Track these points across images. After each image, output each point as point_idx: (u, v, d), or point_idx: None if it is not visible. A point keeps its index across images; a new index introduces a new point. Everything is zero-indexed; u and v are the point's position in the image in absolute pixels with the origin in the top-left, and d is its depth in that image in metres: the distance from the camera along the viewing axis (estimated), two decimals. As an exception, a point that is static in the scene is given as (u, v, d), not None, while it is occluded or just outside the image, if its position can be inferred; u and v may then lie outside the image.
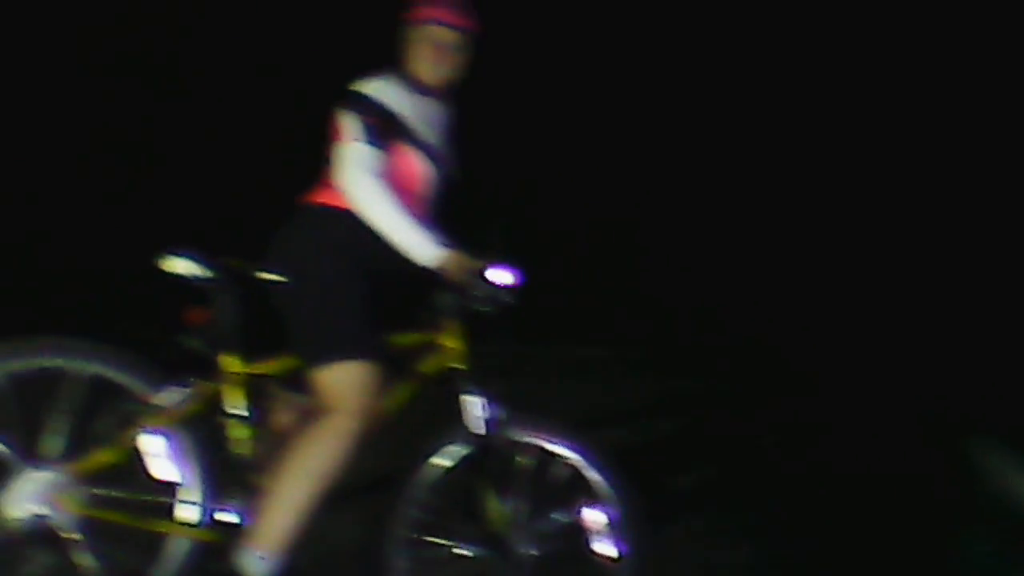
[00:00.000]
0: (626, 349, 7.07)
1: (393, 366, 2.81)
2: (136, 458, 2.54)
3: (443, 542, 2.87)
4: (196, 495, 2.64)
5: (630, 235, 9.07)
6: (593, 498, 2.82)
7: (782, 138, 9.47)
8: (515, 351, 5.48)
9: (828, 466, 4.65)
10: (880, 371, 6.55)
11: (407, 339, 2.86)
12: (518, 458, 2.83)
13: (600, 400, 5.61)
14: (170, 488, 2.60)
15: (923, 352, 6.87)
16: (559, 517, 2.86)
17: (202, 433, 2.66)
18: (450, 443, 2.85)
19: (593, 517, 2.84)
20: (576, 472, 2.83)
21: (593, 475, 2.83)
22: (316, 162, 2.88)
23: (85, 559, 2.50)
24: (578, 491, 2.81)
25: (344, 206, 2.76)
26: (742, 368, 6.84)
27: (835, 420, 5.46)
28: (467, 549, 2.86)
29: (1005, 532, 3.82)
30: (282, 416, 2.90)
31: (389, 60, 2.95)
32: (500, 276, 2.78)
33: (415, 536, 2.84)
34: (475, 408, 2.79)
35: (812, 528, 3.91)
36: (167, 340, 2.63)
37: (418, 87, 2.91)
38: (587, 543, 2.83)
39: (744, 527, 3.86)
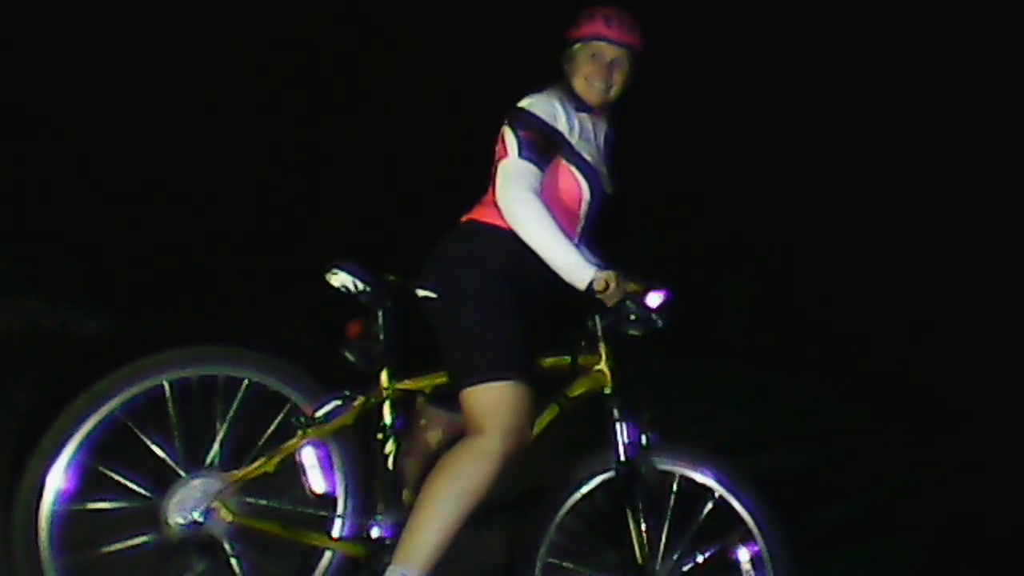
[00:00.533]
0: (771, 372, 6.79)
1: (543, 388, 2.68)
2: (291, 469, 2.47)
3: (584, 569, 2.74)
4: (347, 509, 2.57)
5: (786, 255, 8.72)
6: (739, 532, 2.65)
7: (943, 165, 9.01)
8: (664, 371, 5.29)
9: (982, 509, 4.33)
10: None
11: (557, 361, 2.74)
12: (664, 487, 2.67)
13: (742, 425, 5.39)
14: (322, 500, 2.53)
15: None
16: (703, 550, 2.69)
17: (354, 447, 2.58)
18: (596, 468, 2.71)
19: (738, 552, 2.65)
20: (723, 503, 2.66)
21: (740, 508, 2.65)
22: (481, 180, 2.79)
23: (237, 567, 2.44)
24: (724, 523, 2.64)
25: (502, 225, 2.65)
26: (896, 397, 6.48)
27: (990, 459, 5.09)
28: (608, 578, 2.73)
29: None
30: (432, 433, 2.81)
31: (554, 76, 2.83)
32: (652, 299, 2.64)
33: (556, 562, 2.72)
34: (623, 434, 2.65)
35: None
36: (330, 352, 2.56)
37: (580, 104, 2.79)
38: (732, 579, 2.65)
39: (895, 568, 3.62)
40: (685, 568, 2.68)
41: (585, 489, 2.72)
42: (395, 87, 7.52)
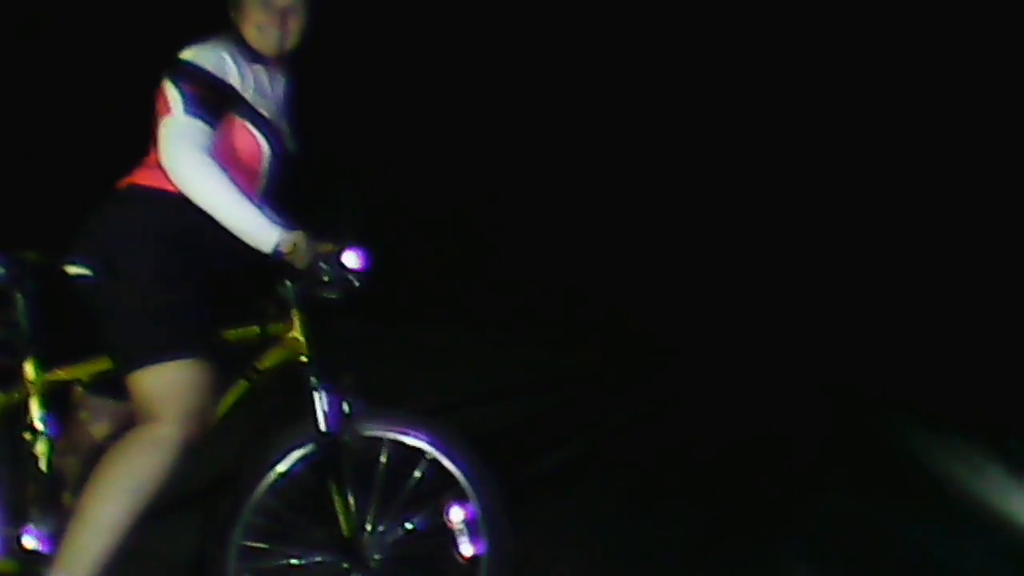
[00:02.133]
0: (484, 329, 6.62)
1: (229, 363, 2.37)
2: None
3: (285, 549, 2.47)
4: (-8, 521, 2.16)
5: (486, 211, 8.52)
6: (452, 494, 2.46)
7: (636, 108, 9.05)
8: (366, 337, 4.99)
9: (696, 436, 4.45)
10: (740, 342, 6.39)
11: (244, 333, 2.42)
12: (370, 454, 2.45)
13: (459, 384, 5.17)
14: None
15: (781, 322, 6.75)
16: (415, 517, 2.49)
17: (4, 446, 2.17)
18: (295, 442, 2.44)
19: (452, 515, 2.47)
20: (434, 466, 2.45)
21: (452, 468, 2.46)
22: (138, 141, 2.39)
23: None
24: (437, 487, 2.44)
25: (167, 187, 2.30)
26: (607, 344, 6.55)
27: (700, 390, 5.26)
28: (314, 556, 2.47)
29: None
30: (97, 426, 2.41)
31: (221, 25, 2.47)
32: (347, 259, 2.37)
33: (256, 545, 2.43)
34: (321, 403, 2.39)
35: (687, 501, 3.70)
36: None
37: (253, 55, 2.44)
38: (447, 543, 2.46)
39: (615, 503, 3.61)
40: (395, 537, 2.48)
41: (282, 466, 2.44)
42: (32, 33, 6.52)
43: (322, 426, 2.39)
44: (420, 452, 2.46)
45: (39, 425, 2.17)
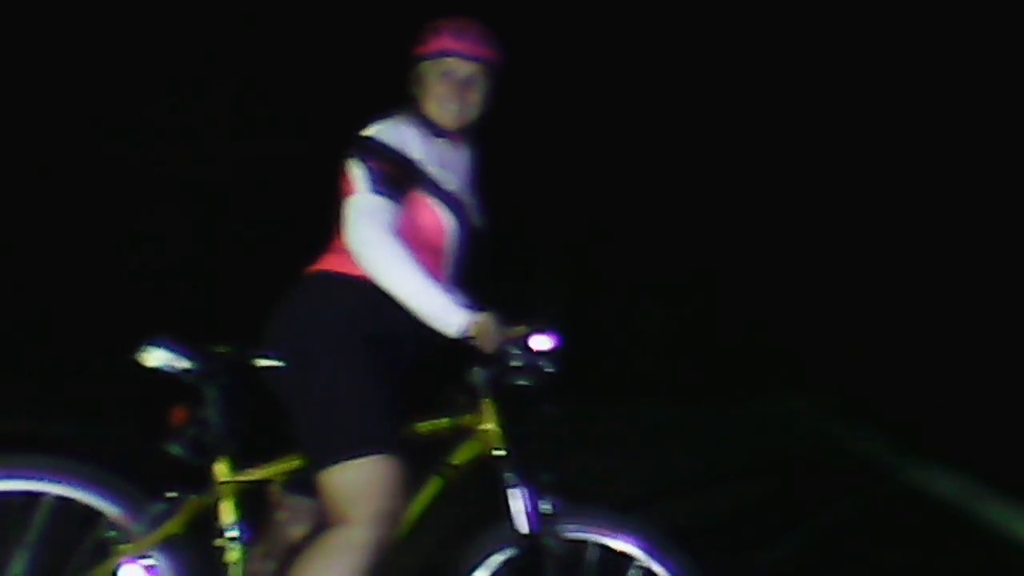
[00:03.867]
0: (701, 409, 6.30)
1: (420, 459, 2.27)
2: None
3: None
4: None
5: (701, 285, 8.26)
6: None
7: (856, 179, 8.69)
8: (577, 422, 4.75)
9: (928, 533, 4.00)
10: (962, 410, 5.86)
11: (436, 425, 2.32)
12: (575, 557, 2.27)
13: (674, 468, 4.91)
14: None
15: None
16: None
17: (194, 554, 2.13)
18: (494, 545, 2.30)
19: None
20: (644, 572, 2.25)
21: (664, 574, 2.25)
22: (326, 227, 2.38)
23: None
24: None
25: (354, 272, 2.25)
26: (834, 421, 6.12)
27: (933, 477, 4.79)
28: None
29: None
30: (296, 528, 2.35)
31: (403, 101, 2.45)
32: (537, 342, 2.25)
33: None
34: (518, 501, 2.24)
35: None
36: (151, 447, 2.11)
37: (435, 129, 2.40)
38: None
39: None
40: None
41: (484, 571, 2.30)
42: (218, 118, 6.82)
43: (520, 527, 2.24)
44: (627, 556, 2.27)
45: (231, 531, 2.12)
